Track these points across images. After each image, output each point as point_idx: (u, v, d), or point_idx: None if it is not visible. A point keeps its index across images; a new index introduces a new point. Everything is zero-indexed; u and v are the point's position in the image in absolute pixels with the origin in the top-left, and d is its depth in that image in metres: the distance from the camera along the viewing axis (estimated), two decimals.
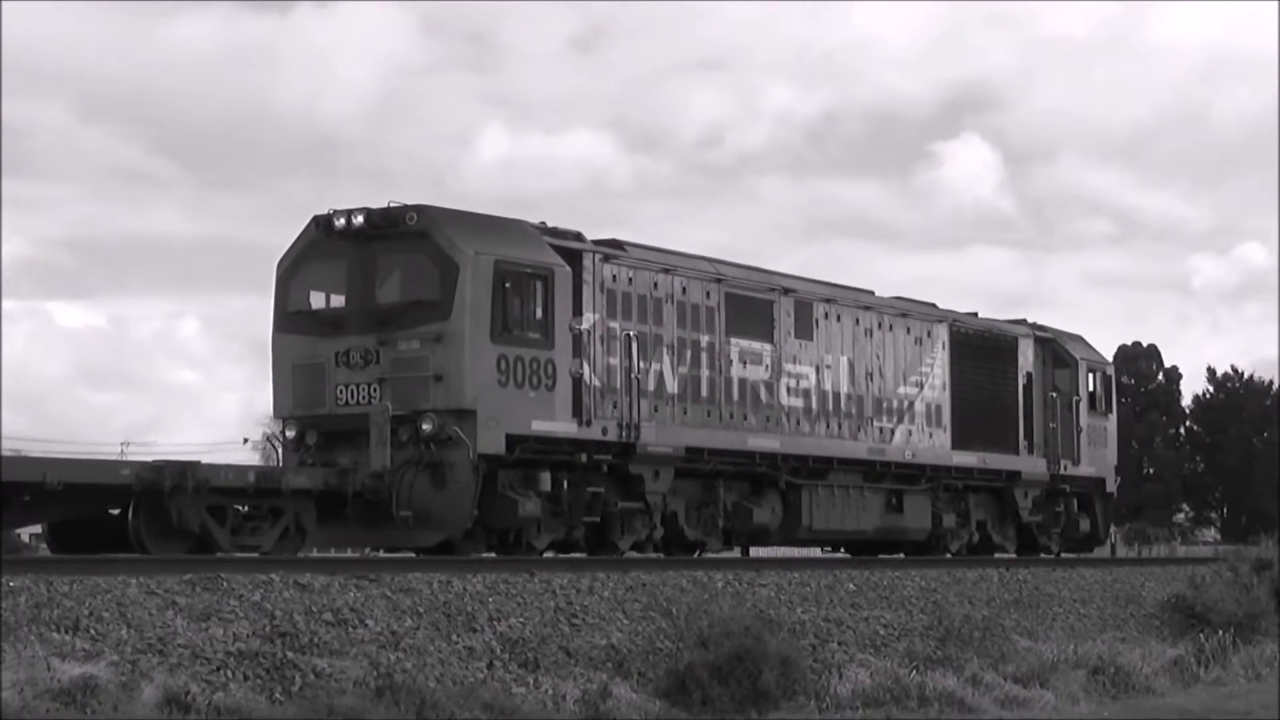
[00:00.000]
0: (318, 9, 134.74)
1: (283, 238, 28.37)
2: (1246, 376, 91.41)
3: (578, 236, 25.94)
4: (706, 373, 27.50)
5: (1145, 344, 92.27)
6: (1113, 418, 37.72)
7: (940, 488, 32.19)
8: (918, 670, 20.01)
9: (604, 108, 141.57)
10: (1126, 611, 27.31)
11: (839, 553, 32.18)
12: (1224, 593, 27.52)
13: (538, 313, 24.47)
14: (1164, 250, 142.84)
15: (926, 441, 32.05)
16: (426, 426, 23.25)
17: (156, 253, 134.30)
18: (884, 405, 31.21)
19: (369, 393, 23.83)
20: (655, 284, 26.71)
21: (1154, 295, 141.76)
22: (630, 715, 16.64)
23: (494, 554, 24.07)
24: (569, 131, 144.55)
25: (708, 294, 27.67)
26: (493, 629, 17.51)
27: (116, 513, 20.93)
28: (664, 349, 26.75)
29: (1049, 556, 34.21)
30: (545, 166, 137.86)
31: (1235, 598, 27.16)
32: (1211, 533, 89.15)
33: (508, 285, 23.94)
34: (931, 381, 32.48)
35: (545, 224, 25.74)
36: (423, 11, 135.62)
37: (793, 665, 18.18)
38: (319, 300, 24.94)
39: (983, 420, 33.61)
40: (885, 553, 31.79)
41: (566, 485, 24.74)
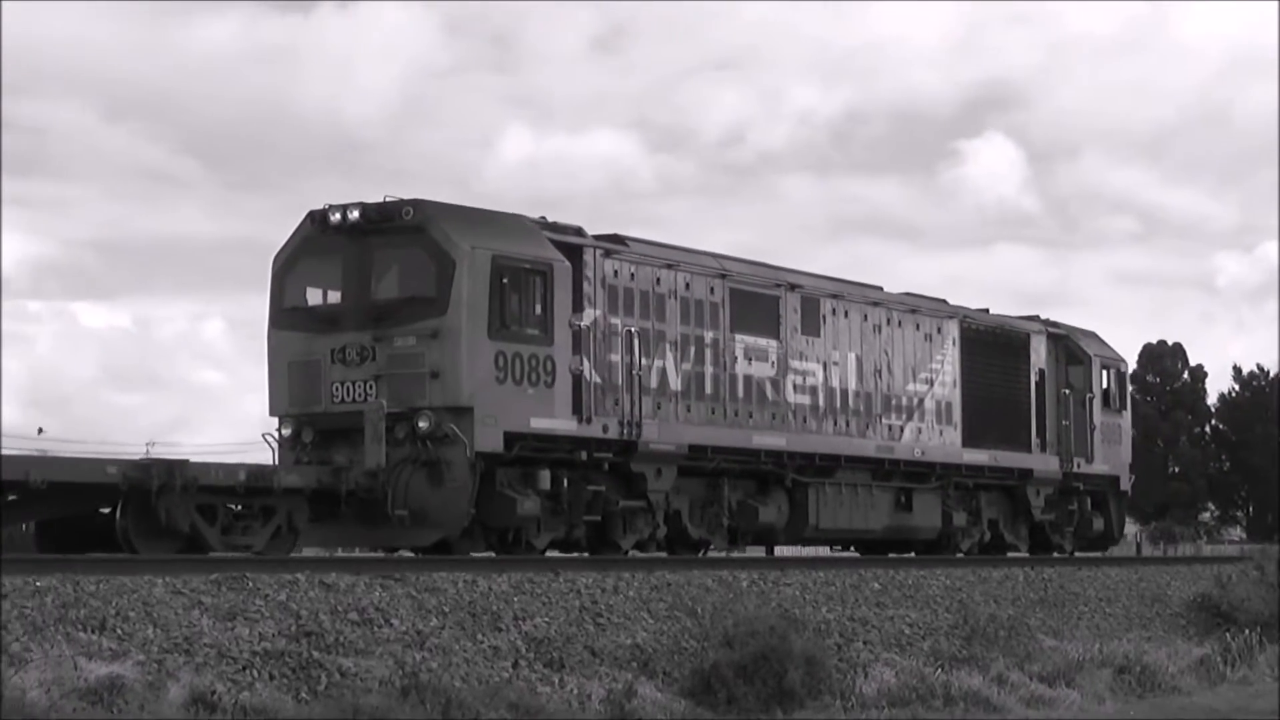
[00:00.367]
0: (340, 10, 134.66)
1: None
2: (1272, 374, 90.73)
3: (578, 231, 25.60)
4: (711, 369, 27.14)
5: (1170, 342, 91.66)
6: (1127, 415, 37.27)
7: (951, 486, 31.78)
8: (943, 669, 20.07)
9: (626, 108, 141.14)
10: (1152, 610, 27.22)
11: (849, 551, 31.83)
12: (1250, 591, 27.46)
13: (536, 309, 24.13)
14: (1188, 248, 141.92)
15: (936, 439, 31.64)
16: (423, 424, 22.95)
17: (180, 253, 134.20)
18: (893, 402, 30.81)
19: (365, 390, 23.53)
20: (658, 279, 26.36)
21: (1178, 293, 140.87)
22: (655, 715, 16.62)
23: (493, 553, 23.76)
24: (591, 132, 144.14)
25: (712, 289, 27.31)
26: (518, 628, 17.52)
27: (107, 512, 20.66)
28: (667, 345, 26.40)
29: (1063, 556, 33.81)
30: (568, 167, 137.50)
31: (1262, 596, 27.08)
32: (1237, 531, 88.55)
33: (505, 281, 23.62)
34: (942, 378, 32.08)
35: (545, 219, 25.42)
36: (445, 12, 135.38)
37: (818, 664, 18.17)
38: (315, 296, 24.64)
39: (994, 417, 33.20)
40: (895, 552, 31.39)
41: (566, 484, 24.40)
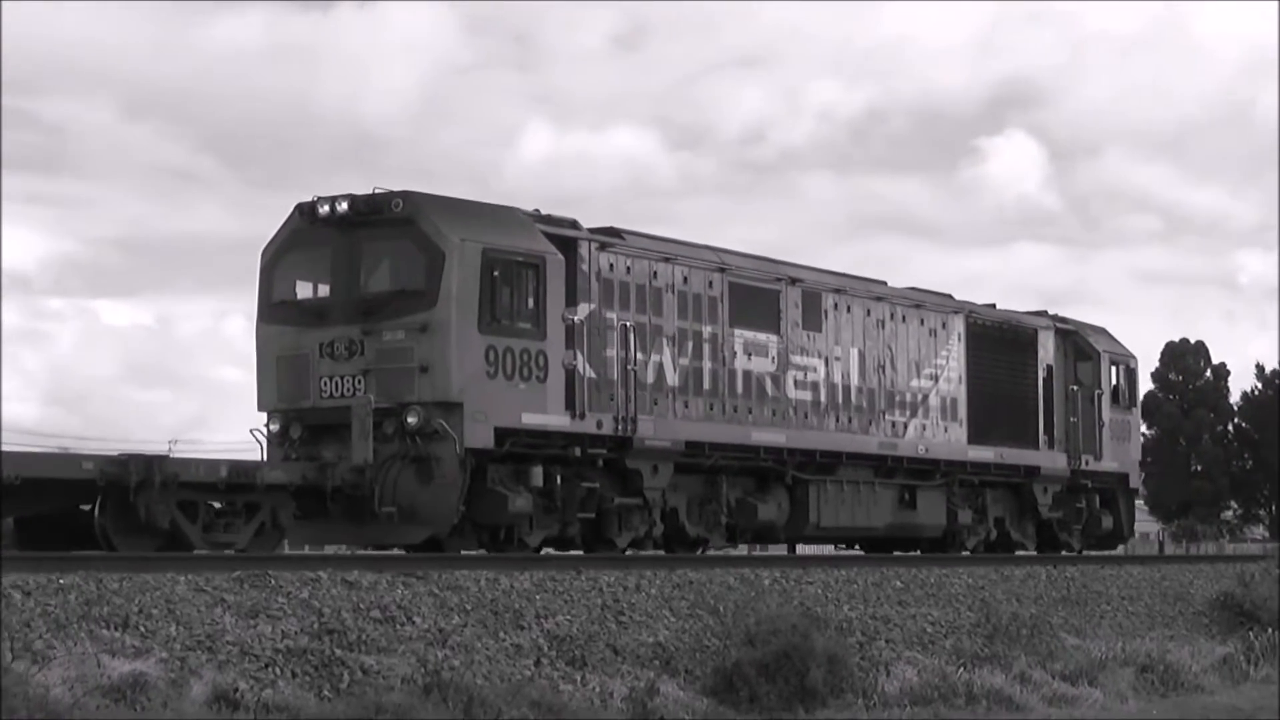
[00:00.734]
0: (360, 8, 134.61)
1: None
2: None
3: (573, 224, 25.23)
4: (709, 365, 26.75)
5: (1193, 341, 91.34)
6: (1136, 411, 36.83)
7: (956, 483, 31.34)
8: (965, 668, 20.08)
9: (646, 105, 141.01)
10: (1175, 609, 27.13)
11: (854, 549, 31.45)
12: (1273, 590, 27.31)
13: (529, 302, 23.76)
14: (1210, 246, 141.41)
15: (941, 436, 31.20)
16: (411, 420, 22.61)
17: (202, 251, 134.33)
18: (896, 398, 30.38)
19: (353, 385, 23.20)
20: (655, 273, 25.98)
21: (1200, 291, 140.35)
22: (677, 713, 16.61)
23: (484, 551, 23.42)
24: (612, 129, 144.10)
25: (710, 283, 26.92)
26: (540, 626, 17.52)
27: (88, 509, 20.33)
28: (664, 340, 26.02)
29: (1072, 554, 33.37)
30: (588, 164, 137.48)
31: None
32: (1260, 530, 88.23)
33: (496, 274, 23.25)
34: (947, 374, 31.64)
35: (539, 211, 25.05)
36: (465, 10, 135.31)
37: (840, 663, 18.18)
38: (304, 290, 24.30)
39: (1001, 414, 32.75)
40: (899, 550, 31.00)
41: (560, 480, 24.02)
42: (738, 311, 27.27)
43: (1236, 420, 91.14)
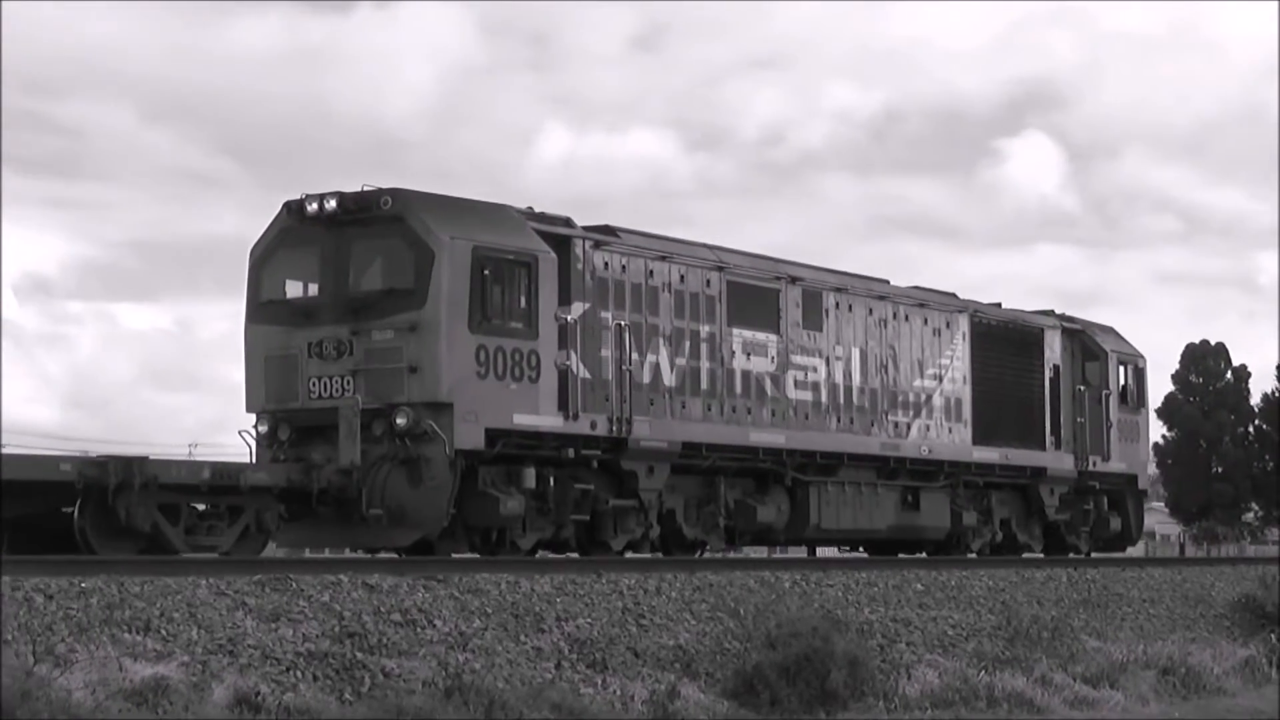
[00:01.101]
0: (378, 10, 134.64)
1: None
2: None
3: (567, 222, 24.91)
4: (706, 364, 26.42)
5: (1213, 342, 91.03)
6: (1145, 412, 36.43)
7: (960, 485, 30.98)
8: (986, 670, 19.92)
9: (665, 107, 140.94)
10: (1196, 611, 26.94)
11: (858, 551, 31.11)
12: None
13: (521, 301, 23.46)
14: (1230, 247, 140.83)
15: (945, 436, 30.83)
16: (401, 420, 22.31)
17: (221, 254, 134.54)
18: (899, 399, 30.02)
19: (342, 385, 22.92)
20: (651, 272, 25.66)
21: (1220, 293, 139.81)
22: (698, 716, 16.61)
23: (476, 554, 23.11)
24: (630, 130, 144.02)
25: (708, 282, 26.58)
26: (561, 629, 17.50)
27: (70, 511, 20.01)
28: (660, 340, 25.69)
29: (1079, 556, 32.97)
30: (606, 166, 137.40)
31: None
32: None
33: (487, 272, 22.95)
34: (951, 374, 31.27)
35: (532, 209, 24.74)
36: (483, 12, 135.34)
37: (861, 666, 18.07)
38: (293, 289, 24.01)
39: (1006, 414, 32.39)
40: (903, 553, 30.62)
41: (553, 482, 23.72)
42: (736, 311, 26.94)
43: (1257, 422, 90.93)
